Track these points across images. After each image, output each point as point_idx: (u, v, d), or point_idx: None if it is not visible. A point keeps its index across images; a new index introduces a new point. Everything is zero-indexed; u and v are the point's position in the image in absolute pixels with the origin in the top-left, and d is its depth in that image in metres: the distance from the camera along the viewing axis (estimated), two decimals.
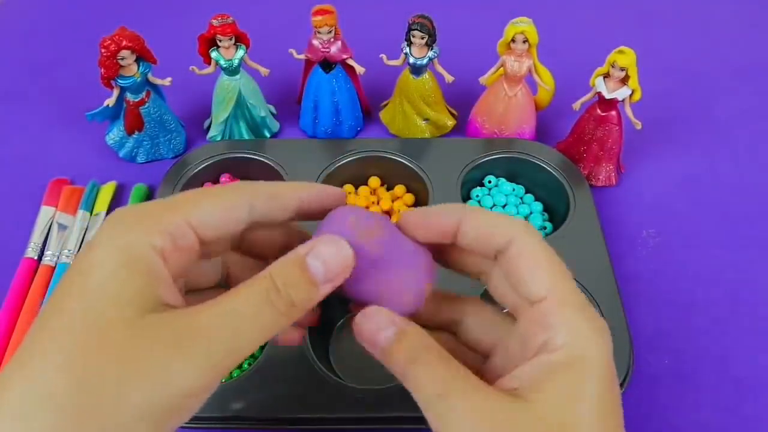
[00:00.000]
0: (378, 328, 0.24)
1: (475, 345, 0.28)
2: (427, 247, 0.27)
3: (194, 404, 0.22)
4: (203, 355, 0.21)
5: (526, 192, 0.56)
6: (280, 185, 0.26)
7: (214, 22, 0.53)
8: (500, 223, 0.25)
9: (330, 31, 0.54)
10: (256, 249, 0.29)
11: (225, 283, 0.29)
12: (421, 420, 0.24)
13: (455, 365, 0.23)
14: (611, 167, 0.56)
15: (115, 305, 0.20)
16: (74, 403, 0.19)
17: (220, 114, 0.58)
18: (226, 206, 0.24)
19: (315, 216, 0.27)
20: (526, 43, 0.53)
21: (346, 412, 0.40)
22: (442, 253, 0.28)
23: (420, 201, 0.54)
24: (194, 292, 0.27)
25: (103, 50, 0.51)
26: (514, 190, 0.55)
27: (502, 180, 0.56)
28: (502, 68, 0.55)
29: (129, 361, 0.20)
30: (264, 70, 0.57)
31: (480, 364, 0.27)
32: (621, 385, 0.41)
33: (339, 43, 0.55)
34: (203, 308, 0.22)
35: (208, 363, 0.21)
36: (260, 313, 0.22)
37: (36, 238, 0.52)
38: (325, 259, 0.23)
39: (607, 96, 0.52)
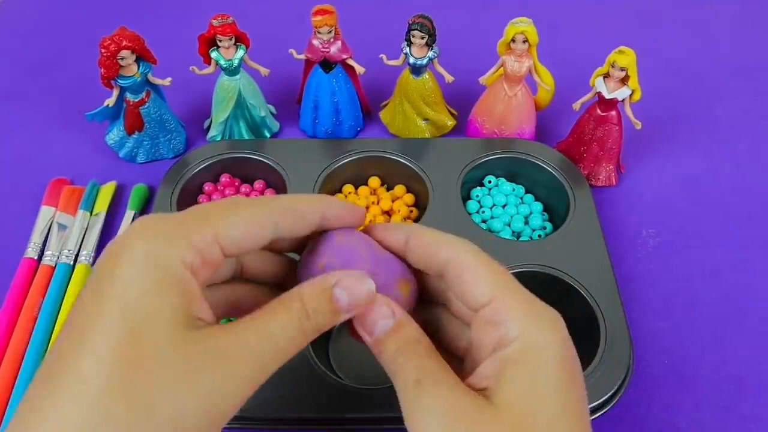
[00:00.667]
0: (380, 316, 0.25)
1: (452, 347, 0.29)
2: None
3: (227, 419, 0.23)
4: (246, 373, 0.22)
5: (526, 192, 0.56)
6: (303, 201, 0.27)
7: (214, 22, 0.53)
8: (441, 242, 0.27)
9: (330, 31, 0.54)
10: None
11: (240, 276, 0.29)
12: None
13: (438, 360, 0.24)
14: (611, 167, 0.56)
15: (155, 322, 0.21)
16: (118, 413, 0.19)
17: (220, 114, 0.58)
18: (254, 224, 0.25)
19: (331, 228, 0.28)
20: (526, 43, 0.53)
21: (347, 412, 0.40)
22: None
23: (420, 201, 0.55)
24: (210, 287, 0.28)
25: (103, 50, 0.51)
26: (514, 190, 0.55)
27: (502, 180, 0.56)
28: (502, 68, 0.55)
29: (175, 375, 0.20)
30: (264, 70, 0.57)
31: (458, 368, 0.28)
32: (621, 384, 0.41)
33: (339, 43, 0.55)
34: (244, 328, 0.23)
35: (248, 381, 0.22)
36: (294, 336, 0.24)
37: (36, 238, 0.52)
38: (351, 293, 0.25)
39: (607, 96, 0.52)
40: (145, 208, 0.55)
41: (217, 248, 0.24)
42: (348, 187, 0.56)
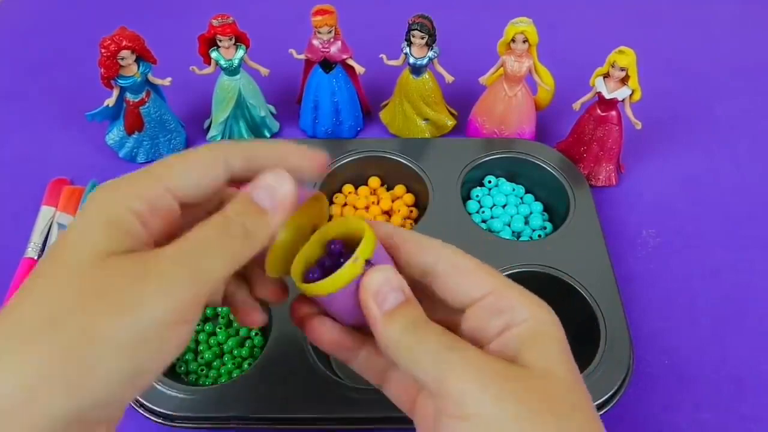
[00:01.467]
0: (391, 288, 0.25)
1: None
2: None
3: (171, 335, 0.22)
4: (169, 281, 0.22)
5: (526, 192, 0.56)
6: (255, 147, 0.27)
7: (214, 22, 0.53)
8: (427, 244, 0.27)
9: (330, 31, 0.54)
10: None
11: None
12: None
13: (452, 334, 0.25)
14: (611, 167, 0.56)
15: (87, 251, 0.22)
16: (51, 340, 0.20)
17: (220, 114, 0.58)
18: (199, 165, 0.25)
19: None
20: (526, 43, 0.53)
21: (346, 412, 0.40)
22: None
23: (420, 201, 0.55)
24: None
25: (103, 50, 0.51)
26: (514, 190, 0.55)
27: (502, 180, 0.56)
28: (502, 68, 0.55)
29: (98, 296, 0.21)
30: (264, 70, 0.57)
31: None
32: (621, 384, 0.41)
33: (339, 43, 0.55)
34: (167, 246, 0.23)
35: (175, 288, 0.22)
36: (218, 239, 0.23)
37: (36, 238, 0.52)
38: (268, 186, 0.25)
39: (607, 96, 0.52)
40: None
41: (168, 195, 0.24)
42: (348, 187, 0.56)
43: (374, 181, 0.56)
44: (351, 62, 0.56)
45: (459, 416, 0.23)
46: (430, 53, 0.54)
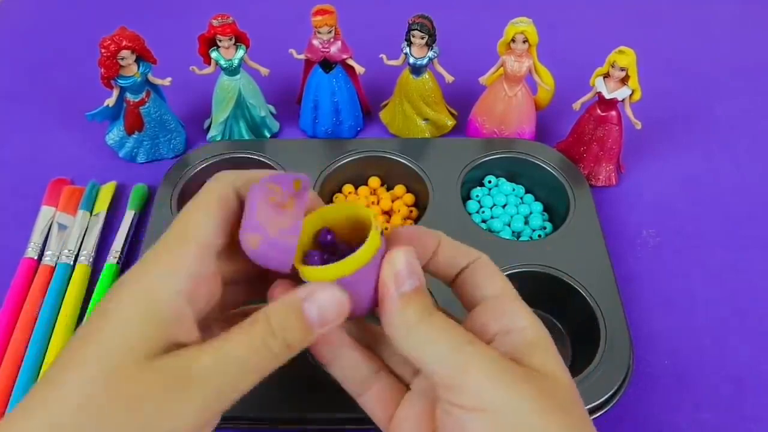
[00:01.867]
0: (411, 271, 0.25)
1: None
2: None
3: None
4: (199, 398, 0.22)
5: (526, 192, 0.56)
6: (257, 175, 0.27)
7: (214, 22, 0.53)
8: (465, 250, 0.29)
9: (330, 31, 0.54)
10: None
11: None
12: None
13: (463, 328, 0.25)
14: (611, 167, 0.56)
15: (125, 351, 0.22)
16: None
17: (220, 114, 0.58)
18: (217, 206, 0.26)
19: None
20: (526, 43, 0.53)
21: (346, 412, 0.40)
22: None
23: (420, 201, 0.54)
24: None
25: (103, 50, 0.51)
26: (514, 190, 0.55)
27: (502, 180, 0.56)
28: (502, 68, 0.55)
29: (131, 404, 0.21)
30: (264, 70, 0.57)
31: None
32: (621, 385, 0.41)
33: (339, 43, 0.55)
34: (204, 351, 0.23)
35: (203, 405, 0.22)
36: (256, 357, 0.24)
37: (36, 238, 0.52)
38: (321, 305, 0.24)
39: (607, 96, 0.52)
40: (145, 208, 0.55)
41: (209, 256, 0.25)
42: (348, 187, 0.56)
43: (374, 181, 0.56)
44: (351, 62, 0.56)
45: (475, 408, 0.23)
46: (430, 53, 0.54)
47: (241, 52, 0.55)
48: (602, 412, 0.41)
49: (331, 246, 0.26)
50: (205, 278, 0.24)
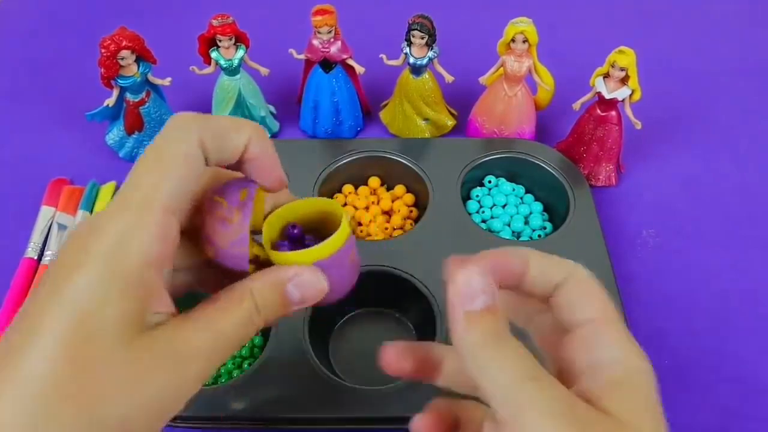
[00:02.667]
0: (480, 288, 0.23)
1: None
2: None
3: (172, 415, 0.23)
4: (195, 372, 0.23)
5: (526, 192, 0.56)
6: (223, 127, 0.25)
7: (214, 22, 0.53)
8: (557, 262, 0.26)
9: (330, 31, 0.54)
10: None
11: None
12: None
13: (534, 360, 0.23)
14: (611, 167, 0.56)
15: (107, 326, 0.21)
16: (63, 414, 0.20)
17: (220, 114, 0.58)
18: (182, 168, 0.23)
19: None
20: (526, 43, 0.53)
21: (346, 412, 0.40)
22: None
23: (420, 201, 0.54)
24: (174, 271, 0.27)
25: (103, 50, 0.51)
26: (514, 190, 0.55)
27: (502, 180, 0.56)
28: (502, 68, 0.55)
29: (125, 378, 0.21)
30: (264, 70, 0.57)
31: None
32: None
33: (339, 43, 0.55)
34: (194, 326, 0.23)
35: (197, 379, 0.23)
36: (243, 332, 0.24)
37: (36, 238, 0.52)
38: (304, 286, 0.25)
39: (607, 96, 0.52)
40: None
41: (173, 220, 0.23)
42: (348, 187, 0.56)
43: (374, 181, 0.56)
44: (351, 62, 0.56)
45: None
46: (430, 53, 0.54)
47: (241, 52, 0.55)
48: None
49: (298, 238, 0.27)
50: (170, 247, 0.23)
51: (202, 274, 0.28)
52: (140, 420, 0.21)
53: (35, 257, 0.51)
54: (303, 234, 0.27)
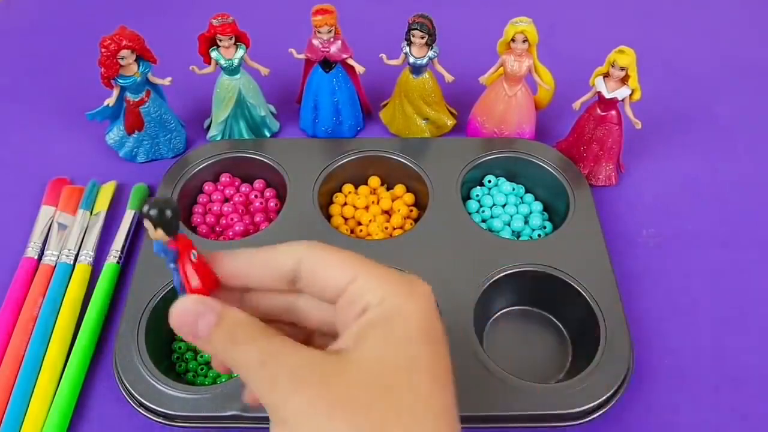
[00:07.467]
0: (197, 316, 0.24)
1: (313, 325, 0.28)
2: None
3: None
4: None
5: (526, 192, 0.56)
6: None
7: (214, 21, 0.53)
8: (283, 250, 0.26)
9: (330, 31, 0.54)
10: None
11: None
12: None
13: (274, 334, 0.24)
14: (611, 167, 0.56)
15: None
16: None
17: (220, 113, 0.58)
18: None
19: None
20: (526, 43, 0.53)
21: None
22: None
23: (420, 201, 0.54)
24: None
25: (103, 50, 0.51)
26: (514, 189, 0.55)
27: (502, 180, 0.56)
28: (502, 68, 0.55)
29: None
30: (264, 70, 0.57)
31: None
32: (621, 384, 0.41)
33: (339, 42, 0.55)
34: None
35: None
36: None
37: (36, 238, 0.52)
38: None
39: (607, 96, 0.52)
40: None
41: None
42: (348, 187, 0.56)
43: (374, 181, 0.56)
44: (351, 62, 0.56)
45: (278, 423, 0.23)
46: (430, 53, 0.54)
47: (241, 52, 0.55)
48: (602, 411, 0.41)
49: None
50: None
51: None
52: None
53: (35, 257, 0.51)
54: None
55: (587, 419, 0.40)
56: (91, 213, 0.54)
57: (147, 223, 0.24)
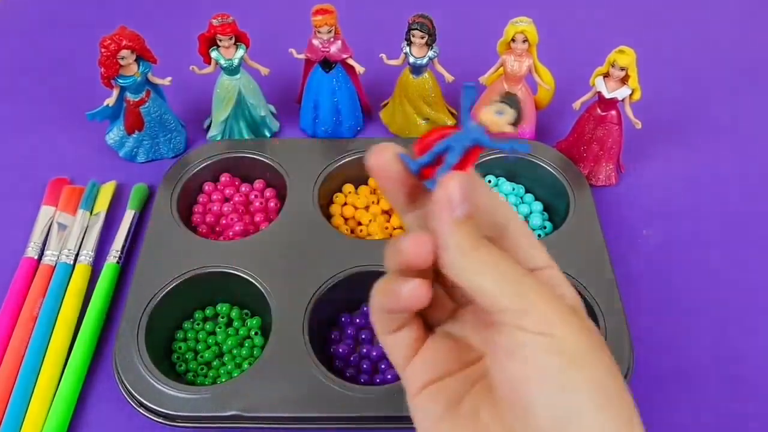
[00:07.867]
0: (465, 197, 0.24)
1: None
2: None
3: None
4: None
5: (526, 192, 0.56)
6: None
7: (214, 21, 0.53)
8: (500, 205, 0.28)
9: (330, 31, 0.54)
10: None
11: None
12: None
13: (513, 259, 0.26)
14: (611, 167, 0.56)
15: None
16: None
17: (220, 113, 0.58)
18: None
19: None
20: (526, 43, 0.53)
21: (346, 412, 0.40)
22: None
23: None
24: None
25: (103, 50, 0.51)
26: (514, 189, 0.55)
27: (502, 180, 0.56)
28: (502, 68, 0.55)
29: None
30: (264, 70, 0.57)
31: None
32: None
33: (339, 42, 0.55)
34: None
35: None
36: None
37: (36, 238, 0.52)
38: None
39: (607, 95, 0.52)
40: (145, 208, 0.55)
41: None
42: (348, 187, 0.56)
43: (374, 181, 0.56)
44: (351, 62, 0.56)
45: (541, 333, 0.23)
46: (430, 53, 0.54)
47: (241, 52, 0.55)
48: None
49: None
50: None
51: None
52: None
53: (35, 257, 0.51)
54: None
55: None
56: (91, 213, 0.54)
57: (500, 107, 0.25)
